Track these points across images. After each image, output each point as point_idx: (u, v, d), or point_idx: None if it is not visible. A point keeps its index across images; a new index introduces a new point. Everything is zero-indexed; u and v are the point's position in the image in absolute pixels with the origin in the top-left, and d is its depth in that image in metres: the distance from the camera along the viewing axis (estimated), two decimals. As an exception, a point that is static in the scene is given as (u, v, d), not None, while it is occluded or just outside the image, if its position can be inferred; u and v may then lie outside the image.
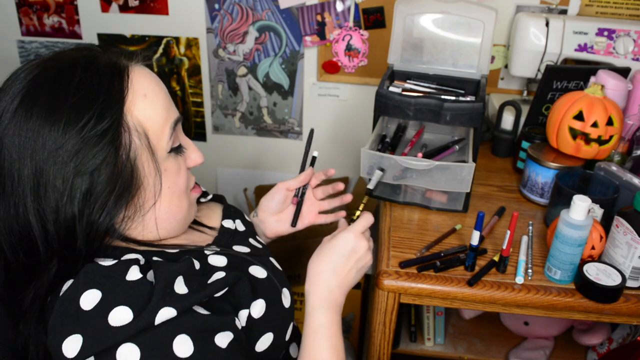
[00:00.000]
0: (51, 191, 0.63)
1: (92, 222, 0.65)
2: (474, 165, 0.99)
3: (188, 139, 0.77)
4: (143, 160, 0.67)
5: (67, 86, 0.63)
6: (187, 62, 1.67)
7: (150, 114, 0.68)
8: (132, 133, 0.66)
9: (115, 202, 0.65)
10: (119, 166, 0.65)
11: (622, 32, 1.30)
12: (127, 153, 0.65)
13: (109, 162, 0.64)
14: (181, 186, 0.74)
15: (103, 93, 0.64)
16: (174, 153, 0.72)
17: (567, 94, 1.11)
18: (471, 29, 1.09)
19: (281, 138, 1.75)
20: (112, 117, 0.64)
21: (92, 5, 1.61)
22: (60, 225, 0.64)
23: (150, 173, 0.68)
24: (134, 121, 0.66)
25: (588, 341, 1.31)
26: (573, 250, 0.87)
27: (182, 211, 0.75)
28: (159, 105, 0.69)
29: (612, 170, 1.02)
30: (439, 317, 1.36)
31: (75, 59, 0.66)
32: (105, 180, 0.64)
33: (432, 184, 1.02)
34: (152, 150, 0.68)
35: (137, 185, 0.67)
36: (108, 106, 0.64)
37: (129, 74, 0.67)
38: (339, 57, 1.58)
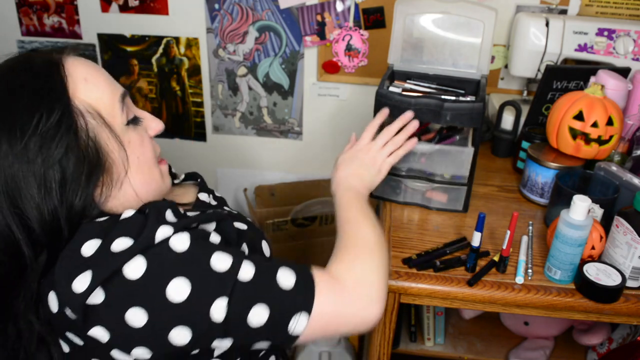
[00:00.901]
0: (27, 192, 0.65)
1: (71, 206, 0.67)
2: (472, 150, 1.00)
3: (143, 111, 0.79)
4: (104, 138, 0.70)
5: (10, 92, 0.67)
6: (187, 62, 1.67)
7: (95, 94, 0.71)
8: (85, 115, 0.69)
9: (87, 181, 0.68)
10: (83, 148, 0.68)
11: (622, 32, 1.30)
12: (87, 134, 0.68)
13: (72, 146, 0.67)
14: (148, 155, 0.77)
15: (45, 88, 0.67)
16: (132, 125, 0.75)
17: (567, 94, 1.11)
18: (471, 29, 1.09)
19: (281, 138, 1.75)
20: (60, 107, 0.67)
21: (92, 5, 1.61)
22: (45, 220, 0.66)
23: (114, 148, 0.71)
24: (83, 104, 0.69)
25: (588, 341, 1.31)
26: (573, 250, 0.87)
27: (155, 180, 0.78)
28: (101, 85, 0.72)
29: (612, 170, 1.02)
30: (439, 317, 1.36)
31: (10, 66, 0.70)
32: (74, 164, 0.67)
33: (434, 167, 1.04)
34: (109, 126, 0.71)
35: (105, 162, 0.70)
36: (54, 98, 0.67)
37: (63, 64, 0.70)
38: (339, 57, 1.58)
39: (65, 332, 0.67)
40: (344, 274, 0.74)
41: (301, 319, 0.67)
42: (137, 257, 0.63)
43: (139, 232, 0.65)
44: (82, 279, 0.62)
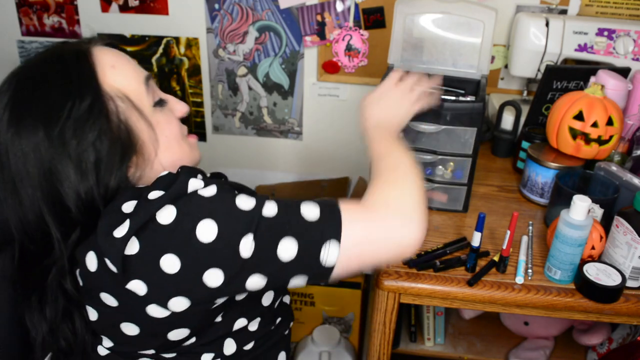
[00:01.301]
0: (64, 174, 0.69)
1: (107, 186, 0.71)
2: (475, 130, 1.00)
3: (167, 95, 0.83)
4: (134, 119, 0.74)
5: (44, 82, 0.71)
6: (187, 62, 1.67)
7: (122, 80, 0.74)
8: (115, 99, 0.72)
9: (121, 162, 0.71)
10: (115, 130, 0.71)
11: (622, 32, 1.30)
12: (118, 117, 0.72)
13: (105, 129, 0.70)
14: (176, 133, 0.80)
15: (75, 76, 0.71)
16: (158, 107, 0.78)
17: (567, 94, 1.11)
18: (471, 29, 1.09)
19: (281, 138, 1.75)
20: (91, 93, 0.71)
21: (92, 5, 1.61)
22: (81, 200, 0.69)
23: (144, 128, 0.75)
24: (112, 89, 0.73)
25: (588, 341, 1.31)
26: (573, 250, 0.87)
27: (185, 155, 0.81)
28: (128, 70, 0.76)
29: (612, 170, 1.02)
30: (439, 317, 1.36)
31: (43, 57, 0.75)
32: (107, 146, 0.70)
33: (439, 146, 1.04)
34: (138, 108, 0.75)
35: (136, 142, 0.74)
36: (84, 84, 0.71)
37: (91, 53, 0.74)
38: (339, 57, 1.58)
39: (101, 292, 0.69)
40: (373, 198, 0.72)
41: (332, 248, 0.66)
42: (168, 205, 0.66)
43: (169, 184, 0.69)
44: (121, 228, 0.66)
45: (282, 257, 0.66)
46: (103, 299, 0.70)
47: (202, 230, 0.65)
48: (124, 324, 0.72)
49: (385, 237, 0.69)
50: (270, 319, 0.89)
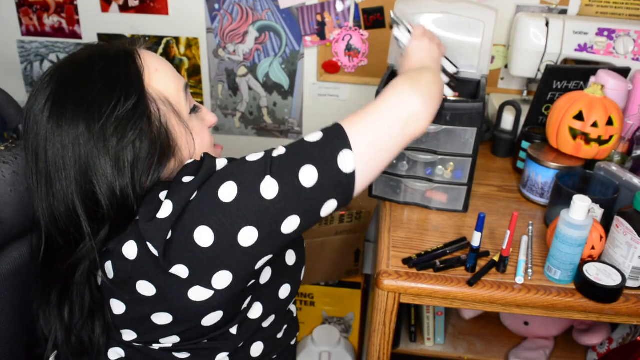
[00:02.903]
0: (101, 169, 0.70)
1: (141, 186, 0.72)
2: (475, 130, 1.00)
3: (199, 103, 0.85)
4: (173, 123, 0.76)
5: (89, 77, 0.71)
6: (187, 62, 1.67)
7: (165, 83, 0.76)
8: (157, 102, 0.74)
9: (158, 163, 0.73)
10: (155, 132, 0.73)
11: (622, 32, 1.30)
12: (159, 119, 0.73)
13: (146, 130, 0.71)
14: (207, 141, 0.82)
15: (122, 75, 0.72)
16: (193, 113, 0.80)
17: (567, 94, 1.11)
18: (471, 29, 1.09)
19: (281, 138, 1.75)
20: (137, 93, 0.72)
21: (92, 5, 1.61)
22: (115, 197, 0.70)
23: (182, 132, 0.77)
24: (155, 92, 0.74)
25: (588, 341, 1.31)
26: (573, 250, 0.87)
27: None
28: (170, 75, 0.78)
29: (612, 170, 1.02)
30: (439, 317, 1.36)
31: (88, 53, 0.75)
32: (147, 146, 0.71)
33: (439, 146, 1.04)
34: (177, 113, 0.77)
35: (174, 145, 0.75)
36: (130, 84, 0.72)
37: (138, 55, 0.76)
38: (339, 57, 1.58)
39: (139, 280, 0.69)
40: (374, 101, 0.75)
41: (346, 155, 0.69)
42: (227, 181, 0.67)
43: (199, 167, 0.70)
44: (165, 208, 0.67)
45: (306, 184, 0.67)
46: (139, 289, 0.70)
47: (223, 193, 0.66)
48: (156, 315, 0.72)
49: (393, 121, 0.73)
50: (281, 318, 0.89)
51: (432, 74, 0.84)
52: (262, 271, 0.80)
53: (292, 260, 0.86)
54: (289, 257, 0.85)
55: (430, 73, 0.84)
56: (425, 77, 0.81)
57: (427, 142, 1.04)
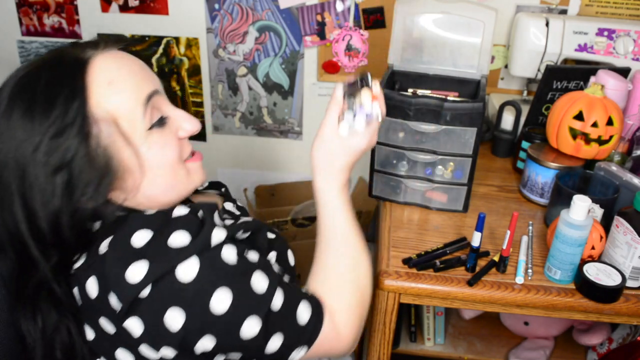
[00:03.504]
0: (37, 190, 0.66)
1: (75, 211, 0.68)
2: (475, 130, 1.00)
3: (178, 110, 0.77)
4: (118, 146, 0.69)
5: (35, 90, 0.67)
6: (187, 62, 1.67)
7: (117, 100, 0.69)
8: (100, 123, 0.68)
9: (96, 188, 0.68)
10: (92, 156, 0.67)
11: (622, 32, 1.30)
12: (98, 142, 0.68)
13: (81, 153, 0.66)
14: (171, 159, 0.74)
15: (65, 89, 0.67)
16: (157, 128, 0.73)
17: (567, 94, 1.11)
18: (471, 29, 1.09)
19: (281, 138, 1.75)
20: (75, 111, 0.66)
21: (92, 5, 1.61)
22: (49, 220, 0.67)
23: (128, 156, 0.70)
24: (101, 111, 0.68)
25: (588, 341, 1.31)
26: (573, 250, 0.87)
27: (179, 182, 0.77)
28: (126, 88, 0.70)
29: (612, 170, 1.02)
30: (439, 317, 1.36)
31: (44, 61, 0.70)
32: (81, 171, 0.67)
33: (439, 146, 1.04)
34: (126, 134, 0.70)
35: (117, 169, 0.70)
36: (71, 101, 0.66)
37: (90, 65, 0.69)
38: (339, 57, 1.58)
39: (100, 317, 0.68)
40: (345, 329, 0.77)
41: (302, 351, 0.73)
42: (192, 258, 0.65)
43: (196, 230, 0.68)
44: (137, 270, 0.63)
45: (267, 350, 0.70)
46: (101, 324, 0.68)
47: (216, 299, 0.66)
48: (119, 350, 0.70)
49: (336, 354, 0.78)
50: None
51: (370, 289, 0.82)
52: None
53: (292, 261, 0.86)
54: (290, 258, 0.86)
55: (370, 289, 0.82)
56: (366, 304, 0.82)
57: (427, 142, 1.04)
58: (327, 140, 0.81)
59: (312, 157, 0.83)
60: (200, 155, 0.83)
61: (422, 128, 1.02)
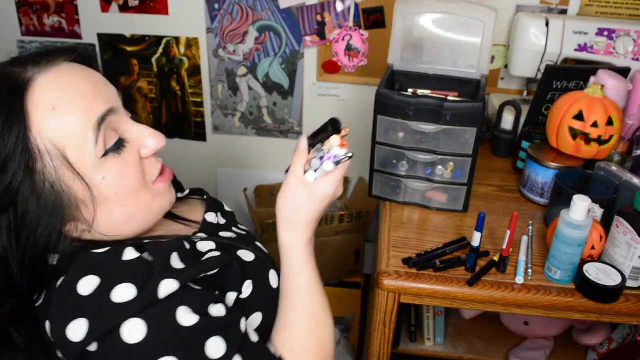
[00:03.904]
0: None
1: (24, 251, 0.62)
2: (475, 130, 1.00)
3: (140, 126, 0.69)
4: (67, 179, 0.62)
5: None
6: (187, 62, 1.67)
7: (63, 127, 0.61)
8: (44, 156, 0.61)
9: (44, 227, 0.62)
10: (38, 193, 0.61)
11: (622, 32, 1.30)
12: (44, 177, 0.61)
13: (25, 191, 0.60)
14: (132, 184, 0.67)
15: (1, 119, 0.59)
16: (113, 153, 0.65)
17: (567, 94, 1.11)
18: (471, 29, 1.09)
19: (281, 138, 1.75)
20: (14, 144, 0.59)
21: (92, 5, 1.61)
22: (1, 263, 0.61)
23: (79, 189, 0.63)
24: (44, 142, 0.61)
25: (588, 341, 1.31)
26: (573, 250, 0.87)
27: (142, 208, 0.70)
28: (73, 112, 0.62)
29: (612, 170, 1.02)
30: (439, 317, 1.36)
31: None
32: (25, 210, 0.61)
33: (439, 146, 1.04)
34: (75, 166, 0.62)
35: (69, 204, 0.63)
36: (8, 132, 0.59)
37: (30, 88, 0.61)
38: (339, 57, 1.58)
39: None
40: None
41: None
42: (136, 318, 0.60)
43: (143, 282, 0.61)
44: (77, 328, 0.59)
45: None
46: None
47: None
48: None
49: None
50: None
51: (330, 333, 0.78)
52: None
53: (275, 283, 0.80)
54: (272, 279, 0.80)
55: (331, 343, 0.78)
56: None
57: (427, 142, 1.04)
58: (292, 189, 0.77)
59: (276, 210, 0.79)
60: (171, 172, 0.75)
61: (422, 128, 1.02)
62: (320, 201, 0.78)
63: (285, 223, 0.78)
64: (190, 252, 0.71)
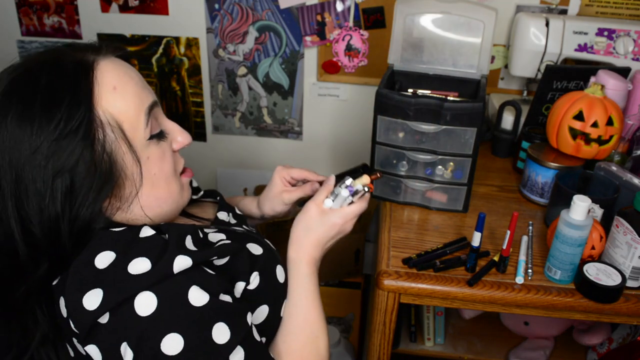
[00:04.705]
0: (33, 194, 0.64)
1: (76, 218, 0.66)
2: (475, 130, 1.00)
3: (172, 122, 0.77)
4: (121, 153, 0.68)
5: (35, 90, 0.65)
6: (187, 62, 1.67)
7: (121, 105, 0.68)
8: (105, 127, 0.67)
9: (96, 195, 0.66)
10: (96, 161, 0.66)
11: (622, 32, 1.30)
12: (103, 147, 0.66)
13: (86, 158, 0.65)
14: (168, 171, 0.74)
15: (70, 92, 0.65)
16: (155, 139, 0.72)
17: (567, 94, 1.11)
18: (471, 29, 1.09)
19: (281, 138, 1.75)
20: (81, 115, 0.65)
21: (92, 5, 1.61)
22: (45, 226, 0.65)
23: (130, 163, 0.69)
24: (106, 115, 0.67)
25: (588, 341, 1.31)
26: (573, 250, 0.87)
27: (172, 195, 0.76)
28: (130, 95, 0.69)
29: (612, 170, 1.02)
30: (439, 317, 1.36)
31: (41, 62, 0.68)
32: (84, 176, 0.65)
33: (439, 146, 1.04)
34: (129, 141, 0.69)
35: (118, 177, 0.68)
36: (76, 104, 0.65)
37: (95, 69, 0.68)
38: (339, 57, 1.58)
39: (72, 337, 0.67)
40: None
41: None
42: (150, 290, 0.62)
43: (158, 256, 0.64)
44: (93, 297, 0.61)
45: None
46: (75, 344, 0.68)
47: (168, 343, 0.62)
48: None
49: None
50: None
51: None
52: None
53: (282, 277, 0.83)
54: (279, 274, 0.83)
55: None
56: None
57: (427, 142, 1.04)
58: (308, 213, 0.86)
59: (291, 230, 0.87)
60: (191, 172, 0.82)
61: (422, 128, 1.03)
62: (328, 228, 0.85)
63: (294, 240, 0.86)
64: (203, 239, 0.75)
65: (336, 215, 0.86)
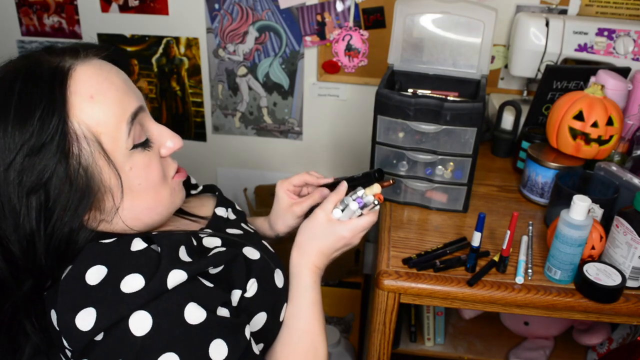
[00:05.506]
0: (8, 212, 0.62)
1: (52, 235, 0.64)
2: (475, 130, 1.00)
3: (160, 126, 0.73)
4: (99, 166, 0.65)
5: (8, 102, 0.61)
6: (187, 62, 1.67)
7: (99, 116, 0.64)
8: (81, 140, 0.63)
9: (73, 212, 0.63)
10: (72, 176, 0.62)
11: (622, 32, 1.30)
12: (79, 161, 0.63)
13: (60, 174, 0.62)
14: (154, 179, 0.70)
15: (42, 104, 0.61)
16: (139, 148, 0.68)
17: (567, 94, 1.11)
18: (471, 29, 1.09)
19: (281, 138, 1.75)
20: (54, 127, 0.61)
21: (92, 5, 1.61)
22: (22, 244, 0.63)
23: (110, 176, 0.66)
24: (82, 127, 0.63)
25: (588, 341, 1.31)
26: (573, 250, 0.87)
27: (161, 203, 0.73)
28: (109, 103, 0.65)
29: (612, 170, 1.02)
30: (439, 317, 1.36)
31: (17, 70, 0.63)
32: (58, 192, 0.62)
33: (439, 146, 1.04)
34: (107, 153, 0.65)
35: (97, 191, 0.65)
36: (49, 116, 0.61)
37: (70, 76, 0.63)
38: (339, 57, 1.58)
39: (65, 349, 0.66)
40: None
41: None
42: (144, 310, 0.60)
43: (151, 272, 0.62)
44: (86, 317, 0.59)
45: None
46: (68, 353, 0.66)
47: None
48: None
49: None
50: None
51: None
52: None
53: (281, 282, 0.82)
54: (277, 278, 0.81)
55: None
56: None
57: (427, 142, 1.04)
58: (315, 220, 0.84)
59: (297, 235, 0.85)
60: (185, 172, 0.79)
61: (422, 128, 1.03)
62: (335, 239, 0.83)
63: (298, 245, 0.84)
64: (197, 247, 0.73)
65: (344, 228, 0.83)
